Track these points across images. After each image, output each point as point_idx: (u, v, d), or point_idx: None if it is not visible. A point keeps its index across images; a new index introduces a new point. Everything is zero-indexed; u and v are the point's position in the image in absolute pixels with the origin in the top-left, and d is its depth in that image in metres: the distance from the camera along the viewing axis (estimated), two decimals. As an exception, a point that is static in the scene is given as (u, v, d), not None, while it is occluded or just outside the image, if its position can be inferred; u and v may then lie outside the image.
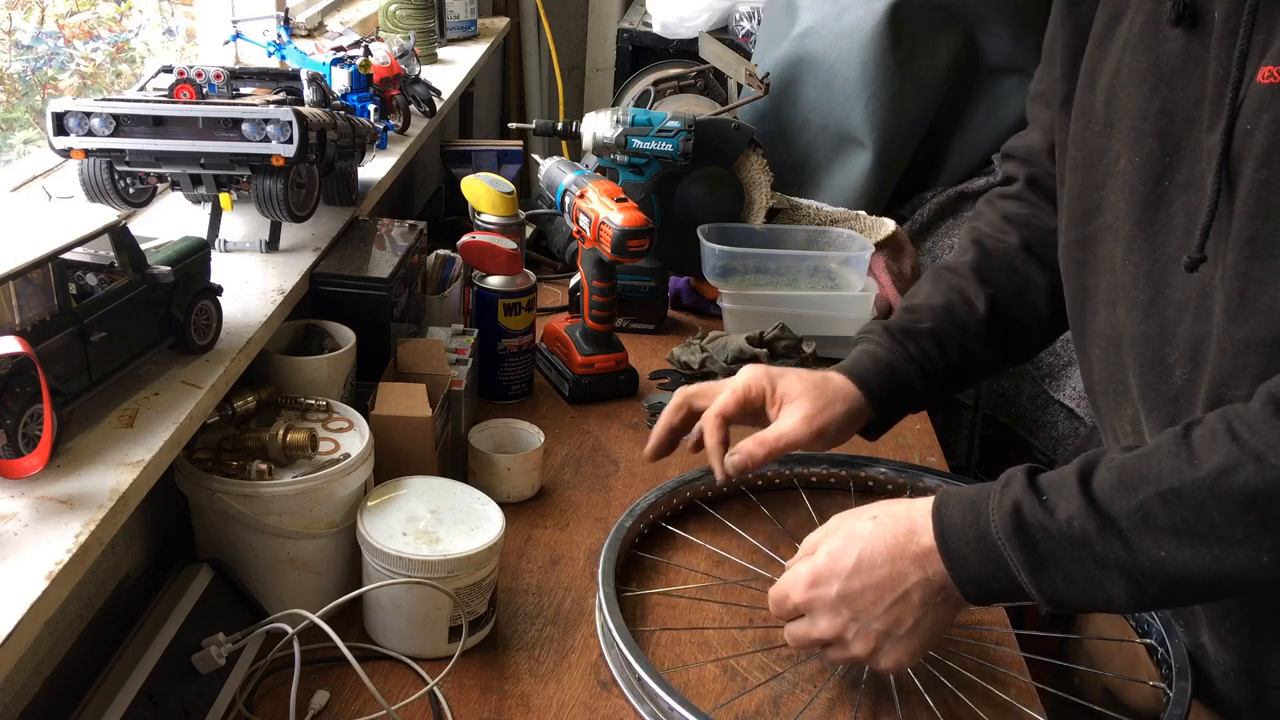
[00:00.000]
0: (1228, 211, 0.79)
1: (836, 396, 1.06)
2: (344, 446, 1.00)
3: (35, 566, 0.70)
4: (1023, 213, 1.15)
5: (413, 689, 0.93)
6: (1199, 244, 0.81)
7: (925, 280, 1.17)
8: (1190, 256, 0.81)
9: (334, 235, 1.26)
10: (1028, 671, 1.00)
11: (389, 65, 1.53)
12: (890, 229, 1.75)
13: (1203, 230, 0.80)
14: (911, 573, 0.85)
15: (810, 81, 1.93)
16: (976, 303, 1.11)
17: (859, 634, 0.87)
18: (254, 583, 0.97)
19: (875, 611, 0.86)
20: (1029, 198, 1.15)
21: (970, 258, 1.15)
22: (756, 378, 1.07)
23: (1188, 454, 0.75)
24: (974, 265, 1.14)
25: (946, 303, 1.12)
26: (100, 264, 0.90)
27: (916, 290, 1.17)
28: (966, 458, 2.24)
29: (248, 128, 1.07)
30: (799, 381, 1.06)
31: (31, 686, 0.83)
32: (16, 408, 0.76)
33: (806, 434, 1.03)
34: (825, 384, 1.07)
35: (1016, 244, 1.13)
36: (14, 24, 1.46)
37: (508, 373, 1.38)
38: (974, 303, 1.11)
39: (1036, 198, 1.15)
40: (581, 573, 1.10)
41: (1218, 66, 0.80)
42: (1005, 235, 1.14)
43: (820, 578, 0.88)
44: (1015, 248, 1.13)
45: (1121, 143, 0.89)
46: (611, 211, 1.32)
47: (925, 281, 1.17)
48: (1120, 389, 0.94)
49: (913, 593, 0.85)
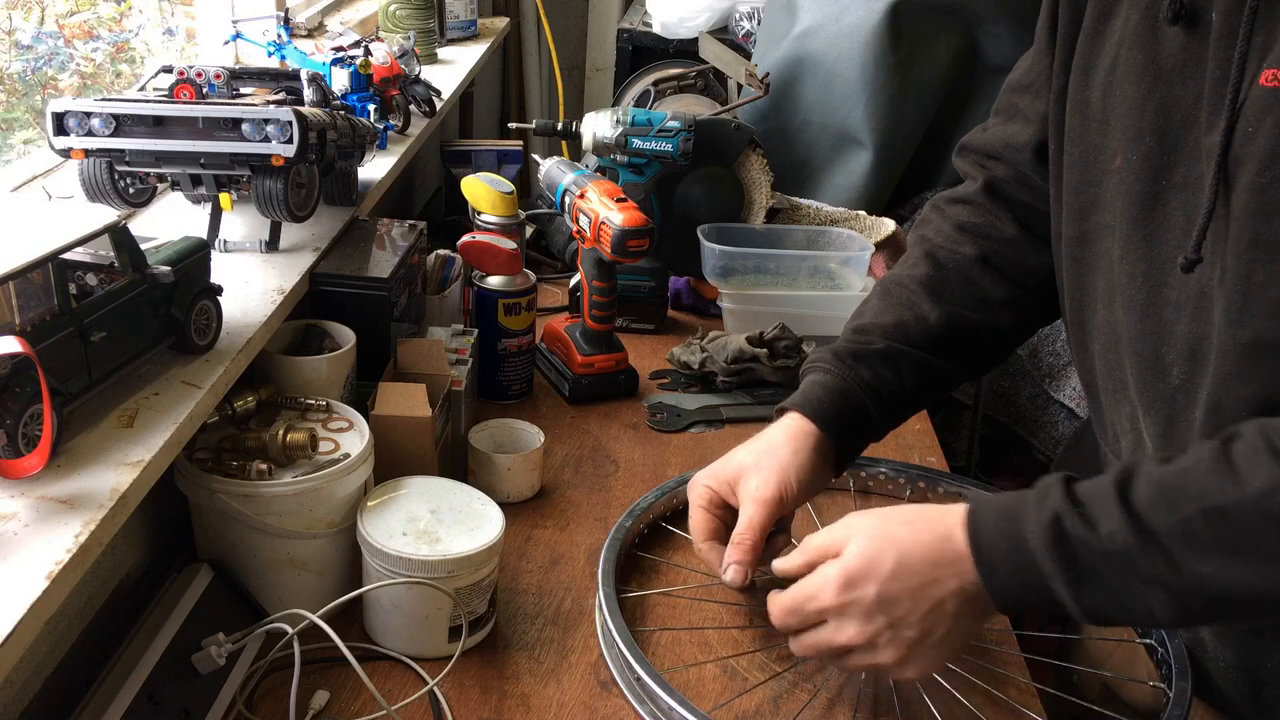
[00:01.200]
0: (1224, 213, 0.78)
1: (785, 447, 1.00)
2: (344, 446, 1.00)
3: (35, 566, 0.70)
4: (977, 221, 1.10)
5: (413, 689, 0.93)
6: (1195, 245, 0.80)
7: (874, 296, 1.12)
8: (1186, 257, 0.81)
9: (334, 235, 1.26)
10: (1027, 671, 1.00)
11: (389, 65, 1.53)
12: (890, 229, 1.75)
13: (1200, 231, 0.80)
14: (948, 580, 0.83)
15: (810, 81, 1.93)
16: (930, 318, 1.07)
17: (890, 641, 0.84)
18: (254, 583, 0.97)
19: (910, 619, 0.83)
20: (984, 204, 1.11)
21: (922, 271, 1.09)
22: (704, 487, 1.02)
23: (1230, 471, 0.73)
24: (926, 279, 1.09)
25: (898, 321, 1.07)
26: (100, 264, 0.90)
27: (864, 308, 1.11)
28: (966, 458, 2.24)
29: (248, 128, 1.07)
30: (744, 455, 1.02)
31: (31, 686, 0.83)
32: (16, 408, 0.76)
33: (769, 509, 0.98)
34: (769, 441, 1.02)
35: (973, 256, 1.09)
36: (14, 24, 1.46)
37: (508, 373, 1.39)
38: (927, 319, 1.07)
39: (993, 204, 1.10)
40: (581, 573, 1.10)
41: (1215, 67, 0.79)
42: (960, 247, 1.09)
43: (855, 579, 0.85)
44: (971, 260, 1.09)
45: (1118, 141, 0.88)
46: (611, 211, 1.32)
47: (874, 298, 1.11)
48: (1119, 386, 0.94)
49: (947, 601, 0.83)
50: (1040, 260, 1.07)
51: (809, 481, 1.00)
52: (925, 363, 1.06)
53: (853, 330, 1.09)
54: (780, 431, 1.02)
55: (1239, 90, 0.77)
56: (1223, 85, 0.78)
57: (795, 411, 1.03)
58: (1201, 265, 0.81)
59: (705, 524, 1.01)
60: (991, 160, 1.12)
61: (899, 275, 1.11)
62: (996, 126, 1.12)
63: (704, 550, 1.01)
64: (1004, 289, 1.08)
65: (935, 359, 1.07)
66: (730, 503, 1.01)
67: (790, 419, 1.03)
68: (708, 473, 1.03)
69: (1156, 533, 0.75)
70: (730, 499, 1.01)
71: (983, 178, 1.11)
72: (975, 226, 1.10)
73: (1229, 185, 0.78)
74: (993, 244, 1.09)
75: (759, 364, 1.45)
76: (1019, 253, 1.09)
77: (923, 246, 1.12)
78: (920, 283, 1.09)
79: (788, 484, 0.99)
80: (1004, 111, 1.11)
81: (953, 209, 1.13)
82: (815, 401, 1.03)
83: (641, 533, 1.13)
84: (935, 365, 1.07)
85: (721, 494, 1.02)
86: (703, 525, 1.01)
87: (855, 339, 1.07)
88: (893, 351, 1.05)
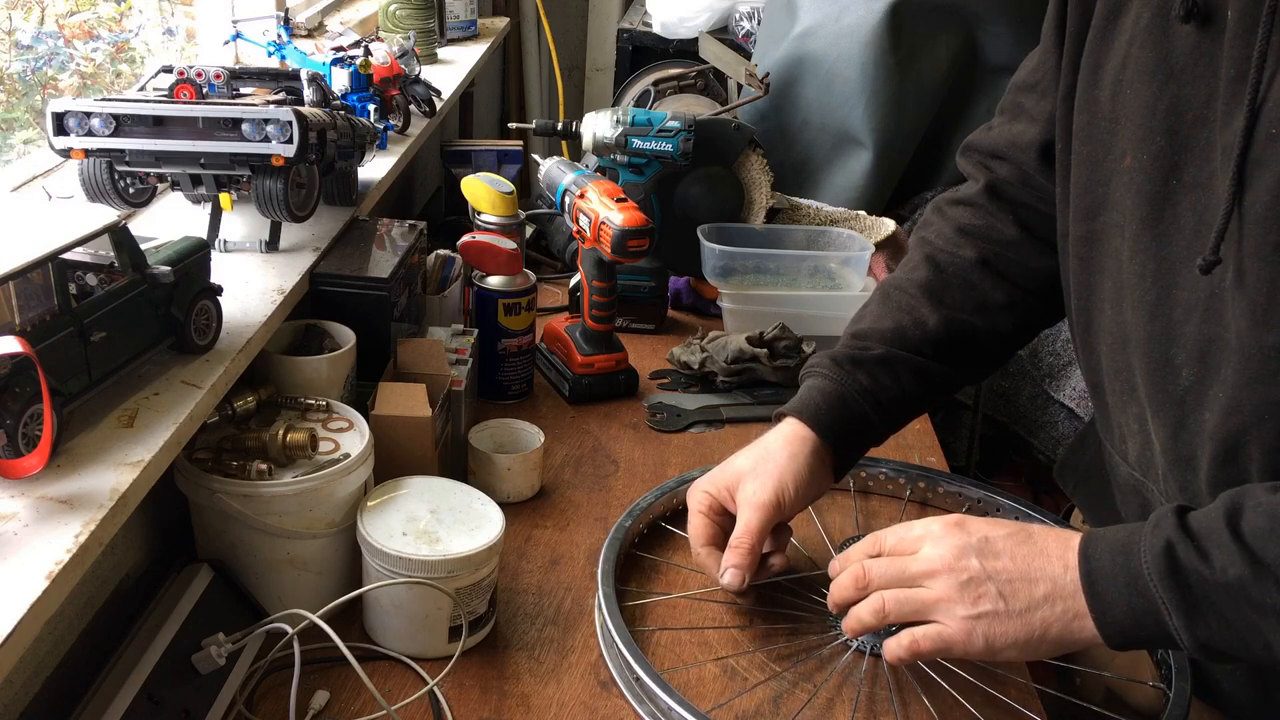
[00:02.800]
0: (1239, 213, 0.78)
1: (782, 452, 1.00)
2: (344, 446, 1.00)
3: (35, 566, 0.70)
4: (978, 224, 1.10)
5: (413, 689, 0.93)
6: (1214, 247, 0.79)
7: (873, 300, 1.11)
8: (1205, 259, 0.80)
9: (334, 235, 1.26)
10: (1028, 672, 1.00)
11: (389, 65, 1.53)
12: (890, 229, 1.75)
13: (1217, 233, 0.79)
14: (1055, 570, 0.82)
15: (810, 81, 1.93)
16: (929, 323, 1.06)
17: (971, 582, 0.83)
18: (254, 583, 0.97)
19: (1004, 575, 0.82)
20: (985, 205, 1.10)
21: (922, 275, 1.09)
22: (703, 492, 1.02)
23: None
24: (926, 283, 1.08)
25: (897, 325, 1.06)
26: (100, 264, 0.90)
27: (864, 312, 1.11)
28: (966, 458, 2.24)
29: (248, 128, 1.07)
30: (742, 461, 1.02)
31: (31, 686, 0.83)
32: (16, 408, 0.76)
33: (766, 513, 0.98)
34: (767, 447, 1.02)
35: (973, 259, 1.08)
36: (14, 24, 1.46)
37: (508, 373, 1.39)
38: (926, 323, 1.06)
39: (994, 206, 1.10)
40: (581, 573, 1.10)
41: (1231, 66, 0.78)
42: (960, 250, 1.09)
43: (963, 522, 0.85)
44: (971, 263, 1.08)
45: (1127, 140, 0.87)
46: (611, 211, 1.32)
47: (873, 302, 1.11)
48: (1128, 387, 0.93)
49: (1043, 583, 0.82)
50: (1041, 263, 1.07)
51: (807, 487, 1.01)
52: (924, 368, 1.06)
53: (852, 335, 1.08)
54: (778, 437, 1.03)
55: (1258, 89, 0.76)
56: (1238, 84, 0.77)
57: (793, 417, 1.03)
58: (1218, 266, 0.80)
59: (704, 529, 1.01)
60: (995, 160, 1.11)
61: (899, 279, 1.11)
62: (1001, 126, 1.11)
63: (702, 555, 1.01)
64: (1004, 292, 1.08)
65: (935, 364, 1.06)
66: (729, 508, 1.02)
67: (788, 424, 1.03)
68: (707, 479, 1.04)
69: (1270, 565, 0.74)
70: (729, 505, 1.01)
71: (985, 179, 1.11)
72: (976, 229, 1.10)
73: (1245, 186, 0.77)
74: (993, 246, 1.08)
75: (759, 364, 1.45)
76: (1020, 255, 1.08)
77: (923, 249, 1.12)
78: (920, 287, 1.08)
79: (785, 490, 0.99)
80: (1009, 111, 1.10)
81: (954, 211, 1.12)
82: (813, 407, 1.03)
83: (641, 533, 1.13)
84: (935, 370, 1.07)
85: (720, 499, 1.02)
86: (701, 530, 1.01)
87: (854, 344, 1.07)
88: (891, 357, 1.05)
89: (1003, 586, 0.83)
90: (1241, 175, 0.77)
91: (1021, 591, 0.82)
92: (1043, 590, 0.82)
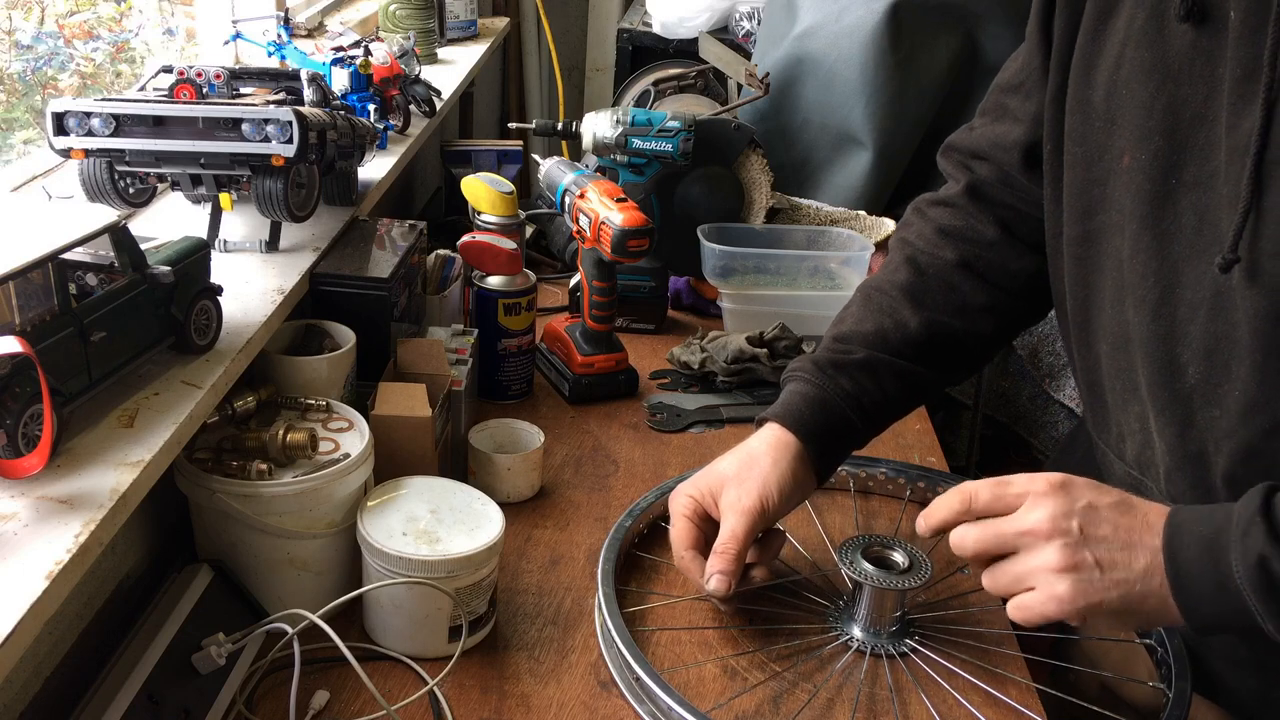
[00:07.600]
0: (1257, 212, 0.78)
1: (765, 457, 1.00)
2: (344, 446, 1.00)
3: (35, 566, 0.70)
4: (958, 225, 1.09)
5: (413, 689, 0.93)
6: (1231, 245, 0.79)
7: (854, 302, 1.11)
8: (1224, 258, 0.80)
9: (334, 235, 1.26)
10: (1027, 671, 1.00)
11: (389, 65, 1.53)
12: (890, 229, 1.75)
13: (1235, 232, 0.78)
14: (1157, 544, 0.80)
15: (810, 81, 1.93)
16: (910, 326, 1.06)
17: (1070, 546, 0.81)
18: (254, 583, 0.97)
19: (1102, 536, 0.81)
20: (965, 206, 1.10)
21: (903, 277, 1.09)
22: (687, 497, 1.02)
23: None
24: (907, 285, 1.08)
25: (878, 328, 1.06)
26: (100, 264, 0.90)
27: (845, 314, 1.10)
28: (966, 458, 2.24)
29: (248, 128, 1.07)
30: (726, 465, 1.01)
31: (31, 686, 0.83)
32: (16, 408, 0.76)
33: (751, 519, 0.98)
34: (750, 452, 1.01)
35: (953, 261, 1.08)
36: (14, 24, 1.46)
37: (508, 373, 1.39)
38: (908, 326, 1.06)
39: (974, 206, 1.09)
40: (581, 573, 1.10)
41: (1237, 65, 0.78)
42: (940, 251, 1.09)
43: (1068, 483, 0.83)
44: (952, 265, 1.08)
45: (1125, 139, 0.87)
46: (611, 211, 1.32)
47: (854, 304, 1.10)
48: (1129, 386, 0.93)
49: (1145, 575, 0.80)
50: (1021, 264, 1.07)
51: (790, 492, 1.00)
52: (906, 371, 1.06)
53: (833, 338, 1.08)
54: (761, 442, 1.02)
55: (1271, 89, 0.75)
56: (1245, 83, 0.77)
57: (776, 422, 1.03)
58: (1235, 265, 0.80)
59: (687, 533, 1.01)
60: (976, 160, 1.11)
61: (879, 281, 1.11)
62: (984, 127, 1.11)
63: (685, 559, 1.01)
64: (985, 294, 1.08)
65: (916, 367, 1.06)
66: (711, 514, 1.01)
67: (771, 429, 1.03)
68: (689, 483, 1.04)
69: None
70: (712, 510, 1.01)
71: (965, 179, 1.11)
72: (956, 230, 1.10)
73: (1261, 184, 0.77)
74: (974, 248, 1.08)
75: (759, 364, 1.45)
76: (1000, 257, 1.08)
77: (903, 251, 1.11)
78: (900, 289, 1.08)
79: (769, 495, 0.99)
80: (992, 112, 1.10)
81: (934, 211, 1.12)
82: (795, 412, 1.03)
83: (641, 533, 1.13)
84: (916, 373, 1.06)
85: (704, 504, 1.02)
86: (685, 535, 1.01)
87: (835, 347, 1.07)
88: (873, 361, 1.05)
89: (1102, 555, 0.81)
90: (1259, 174, 0.77)
91: (1121, 561, 0.81)
92: (1143, 563, 0.81)
